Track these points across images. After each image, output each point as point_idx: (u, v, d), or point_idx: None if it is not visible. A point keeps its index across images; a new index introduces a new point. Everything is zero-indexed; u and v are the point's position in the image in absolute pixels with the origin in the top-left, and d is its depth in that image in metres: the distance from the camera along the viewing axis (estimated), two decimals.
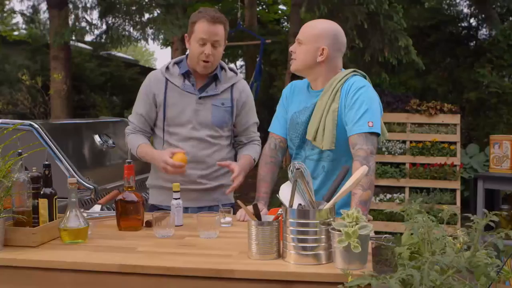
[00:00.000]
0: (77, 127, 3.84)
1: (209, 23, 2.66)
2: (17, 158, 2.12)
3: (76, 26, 6.48)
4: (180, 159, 2.55)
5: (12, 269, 1.93)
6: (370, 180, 2.29)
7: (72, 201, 2.13)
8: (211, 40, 2.67)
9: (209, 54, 2.67)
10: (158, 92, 2.77)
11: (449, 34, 9.28)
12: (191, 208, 2.75)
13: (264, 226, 1.87)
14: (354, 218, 1.75)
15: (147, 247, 2.06)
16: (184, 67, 2.78)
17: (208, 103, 2.76)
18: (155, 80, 2.80)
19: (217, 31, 2.68)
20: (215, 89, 2.78)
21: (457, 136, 6.80)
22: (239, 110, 2.85)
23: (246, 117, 2.88)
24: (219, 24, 2.68)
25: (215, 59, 2.72)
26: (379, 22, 5.93)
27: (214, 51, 2.69)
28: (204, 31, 2.66)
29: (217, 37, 2.68)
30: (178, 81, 2.77)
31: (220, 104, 2.78)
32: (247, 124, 2.89)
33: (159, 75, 2.81)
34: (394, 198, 6.69)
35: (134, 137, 2.82)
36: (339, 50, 2.54)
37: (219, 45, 2.71)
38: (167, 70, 2.81)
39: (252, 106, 2.92)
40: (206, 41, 2.67)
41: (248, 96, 2.89)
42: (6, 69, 10.49)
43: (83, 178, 3.34)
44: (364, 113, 2.39)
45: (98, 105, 10.91)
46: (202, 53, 2.67)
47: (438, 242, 1.73)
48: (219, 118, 2.78)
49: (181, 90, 2.76)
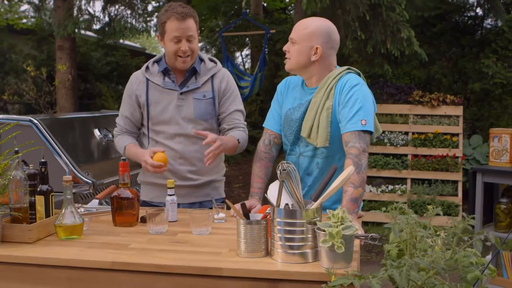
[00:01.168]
0: (77, 121, 3.89)
1: (178, 21, 2.67)
2: (14, 157, 2.17)
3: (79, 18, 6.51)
4: (160, 159, 2.58)
5: (7, 265, 1.99)
6: (361, 178, 2.31)
7: (68, 198, 2.18)
8: (185, 36, 2.69)
9: (187, 49, 2.70)
10: (140, 93, 2.80)
11: (454, 24, 9.22)
12: (182, 204, 2.78)
13: (252, 225, 1.91)
14: (339, 218, 1.78)
15: (139, 243, 2.11)
16: (162, 65, 2.81)
17: (189, 97, 2.78)
18: (136, 81, 2.84)
19: (189, 26, 2.69)
20: (196, 82, 2.80)
21: (459, 127, 6.81)
22: (220, 98, 2.85)
23: (226, 104, 2.86)
24: (188, 18, 2.69)
25: (193, 52, 2.74)
26: (382, 14, 5.91)
27: (191, 45, 2.71)
28: (176, 29, 2.67)
29: (190, 32, 2.70)
30: (158, 79, 2.80)
31: (201, 97, 2.79)
32: (228, 111, 2.86)
33: (140, 75, 2.84)
34: (395, 189, 6.72)
35: (121, 139, 2.87)
36: (333, 48, 2.56)
37: (194, 38, 2.73)
38: (147, 70, 2.84)
39: (233, 94, 2.89)
40: (180, 38, 2.68)
41: (228, 84, 2.88)
42: (13, 59, 10.55)
43: (82, 173, 3.39)
44: (357, 111, 2.41)
45: (104, 95, 10.96)
46: (179, 50, 2.70)
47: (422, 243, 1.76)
48: (202, 111, 2.79)
49: (162, 88, 2.79)
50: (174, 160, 2.78)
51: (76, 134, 3.80)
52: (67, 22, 6.51)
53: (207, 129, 2.79)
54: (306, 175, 2.62)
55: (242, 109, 2.93)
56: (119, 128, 2.90)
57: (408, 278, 1.53)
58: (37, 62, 10.28)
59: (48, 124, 3.43)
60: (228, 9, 12.95)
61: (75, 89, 8.80)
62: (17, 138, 2.31)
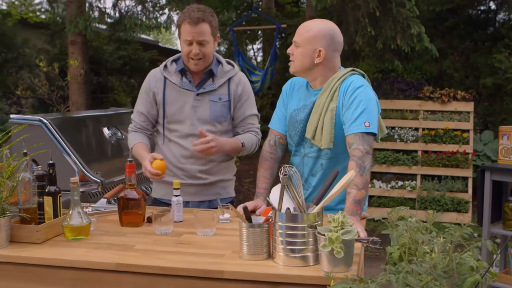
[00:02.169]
0: (86, 120, 3.94)
1: (190, 25, 2.70)
2: (23, 159, 2.21)
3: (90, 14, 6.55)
4: (158, 166, 2.61)
5: (16, 265, 2.04)
6: (365, 180, 2.33)
7: (75, 199, 2.22)
8: (196, 40, 2.72)
9: (197, 53, 2.73)
10: (157, 91, 2.84)
11: (466, 18, 9.15)
12: (191, 202, 2.83)
13: (255, 228, 1.94)
14: (340, 223, 1.80)
15: (145, 244, 2.15)
16: (180, 65, 2.84)
17: (205, 99, 2.82)
18: (154, 78, 2.87)
19: (201, 31, 2.71)
20: (212, 84, 2.84)
21: (470, 123, 6.78)
22: (236, 102, 2.89)
23: (242, 109, 2.90)
24: (202, 23, 2.71)
25: (205, 56, 2.76)
26: (392, 10, 5.89)
27: (203, 49, 2.74)
28: (188, 33, 2.71)
29: (202, 37, 2.72)
30: (175, 78, 2.84)
31: (217, 99, 2.83)
32: (243, 116, 2.91)
33: (158, 73, 2.88)
34: (405, 185, 6.72)
35: (132, 136, 2.91)
36: (336, 50, 2.57)
37: (206, 43, 2.75)
38: (165, 68, 2.88)
39: (249, 98, 2.93)
40: (192, 41, 2.72)
41: (245, 88, 2.92)
42: (26, 54, 10.63)
43: (91, 172, 3.45)
44: (361, 113, 2.43)
45: (116, 89, 11.02)
46: (190, 52, 2.74)
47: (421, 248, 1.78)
48: (217, 113, 2.83)
49: (179, 88, 2.82)
50: (185, 158, 2.82)
51: (85, 133, 3.85)
52: (78, 18, 6.56)
53: (221, 131, 2.85)
54: (311, 175, 2.65)
55: (257, 113, 2.98)
56: (134, 125, 2.94)
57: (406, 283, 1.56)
58: (50, 56, 10.35)
59: (57, 123, 3.49)
60: (239, 3, 12.95)
61: (88, 83, 8.85)
62: (28, 138, 2.36)
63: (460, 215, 6.41)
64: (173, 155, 2.84)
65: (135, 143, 2.85)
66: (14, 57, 10.31)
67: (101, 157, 3.79)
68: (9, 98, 9.60)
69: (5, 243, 2.12)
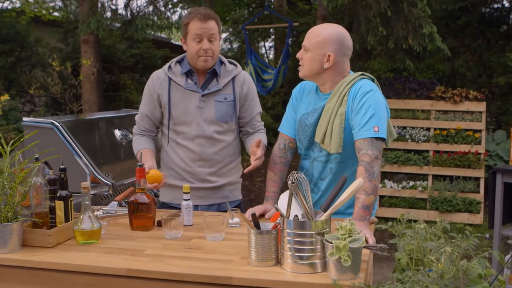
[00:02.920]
0: (98, 122, 3.97)
1: (201, 21, 2.73)
2: (35, 165, 2.25)
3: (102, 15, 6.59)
4: (151, 176, 2.62)
5: (28, 269, 2.07)
6: (374, 185, 2.33)
7: (86, 204, 2.25)
8: (207, 35, 2.75)
9: (208, 48, 2.75)
10: (162, 92, 2.84)
11: (479, 16, 9.09)
12: (200, 206, 2.85)
13: (263, 235, 1.95)
14: (347, 230, 1.81)
15: (155, 249, 2.17)
16: (186, 66, 2.85)
17: (211, 99, 2.83)
18: (158, 80, 2.87)
19: (211, 26, 2.75)
20: (217, 84, 2.85)
21: (482, 123, 6.74)
22: (242, 102, 2.91)
23: (250, 108, 2.94)
24: (210, 20, 2.75)
25: (214, 53, 2.79)
26: (403, 9, 5.87)
27: (212, 46, 2.77)
28: (198, 28, 2.74)
29: (212, 31, 2.76)
30: (180, 80, 2.84)
31: (222, 99, 2.85)
32: (252, 115, 2.95)
33: (162, 74, 2.87)
34: (416, 186, 6.69)
35: (138, 140, 2.92)
36: (346, 54, 2.57)
37: (215, 39, 2.79)
38: (170, 69, 2.87)
39: (254, 96, 2.97)
40: (202, 37, 2.74)
41: (250, 87, 2.94)
42: (39, 52, 10.71)
43: (102, 174, 3.48)
44: (370, 118, 2.43)
45: (128, 87, 11.07)
46: (200, 50, 2.75)
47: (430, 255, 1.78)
48: (223, 113, 2.84)
49: (184, 89, 2.83)
50: (193, 162, 2.84)
51: (96, 135, 3.88)
52: (90, 19, 6.60)
53: (227, 131, 2.88)
54: (320, 180, 2.66)
55: (261, 110, 3.02)
56: (138, 127, 2.95)
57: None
58: (63, 55, 10.42)
59: (69, 126, 3.52)
60: (251, 1, 12.95)
61: (100, 82, 8.91)
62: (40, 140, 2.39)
63: (472, 216, 6.39)
64: (180, 158, 2.85)
65: (140, 149, 2.85)
66: (28, 55, 10.40)
67: (112, 159, 3.82)
68: (22, 96, 9.69)
69: (17, 247, 2.16)
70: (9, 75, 9.97)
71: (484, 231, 6.10)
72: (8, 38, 10.04)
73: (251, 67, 7.72)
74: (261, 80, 7.96)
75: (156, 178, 2.63)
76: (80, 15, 7.81)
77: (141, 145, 2.88)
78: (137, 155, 2.83)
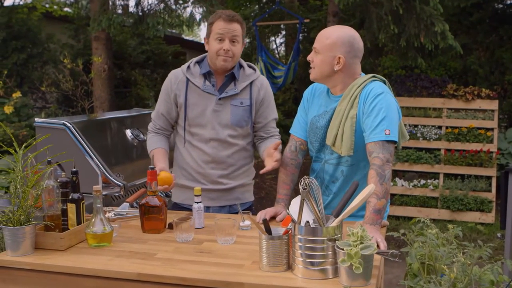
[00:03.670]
0: (109, 122, 3.98)
1: (225, 21, 2.75)
2: (47, 169, 2.26)
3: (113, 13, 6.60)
4: (161, 178, 2.63)
5: (40, 273, 2.09)
6: (385, 189, 2.32)
7: (97, 207, 2.26)
8: (229, 36, 2.75)
9: (228, 49, 2.75)
10: (179, 93, 2.84)
11: (492, 13, 9.02)
12: (212, 207, 2.86)
13: (274, 240, 1.95)
14: (359, 237, 1.81)
15: (166, 253, 2.17)
16: (205, 67, 2.85)
17: (227, 103, 2.83)
18: (176, 79, 2.87)
19: (234, 28, 2.76)
20: (235, 88, 2.85)
21: (494, 122, 6.70)
22: (258, 107, 2.91)
23: (265, 113, 2.94)
24: (235, 22, 2.77)
25: (234, 55, 2.79)
26: (415, 7, 5.83)
27: (233, 47, 2.77)
28: (221, 28, 2.74)
29: (234, 33, 2.76)
30: (199, 81, 2.84)
31: (239, 104, 2.85)
32: (267, 120, 2.95)
33: (180, 74, 2.87)
34: (427, 184, 6.66)
35: (152, 139, 2.93)
36: (356, 56, 2.56)
37: (237, 42, 2.79)
38: (188, 70, 2.87)
39: (271, 102, 2.97)
40: (224, 36, 2.75)
41: (267, 92, 2.94)
42: (51, 49, 10.75)
43: (113, 175, 3.49)
44: (381, 121, 2.42)
45: (139, 83, 11.09)
46: (221, 49, 2.75)
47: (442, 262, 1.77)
48: (238, 118, 2.84)
49: (201, 91, 2.83)
50: (206, 164, 2.84)
51: (108, 136, 3.90)
52: (101, 17, 6.61)
53: (242, 135, 2.88)
54: (331, 182, 2.65)
55: (277, 116, 3.01)
56: (154, 125, 2.96)
57: None
58: (74, 51, 10.46)
59: (80, 127, 3.54)
60: None
61: (111, 78, 8.93)
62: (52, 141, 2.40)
63: (483, 215, 6.35)
64: (193, 160, 2.86)
65: (153, 148, 2.87)
66: (39, 52, 10.44)
67: (124, 160, 3.83)
68: (34, 92, 9.73)
69: (30, 249, 2.17)
70: (21, 71, 10.02)
71: (496, 230, 6.07)
72: (20, 35, 10.09)
73: (262, 64, 7.71)
74: (271, 76, 7.95)
75: (166, 180, 2.64)
76: (91, 12, 7.82)
77: (154, 144, 2.90)
78: (150, 154, 2.85)
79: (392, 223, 6.18)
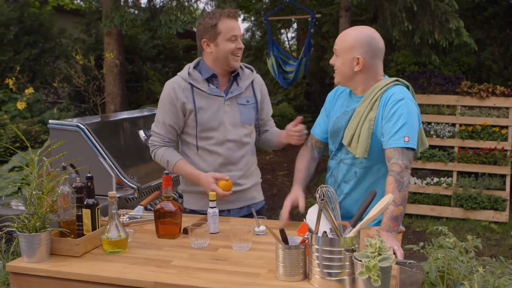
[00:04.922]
0: (122, 123, 3.97)
1: (232, 20, 2.75)
2: (63, 176, 2.25)
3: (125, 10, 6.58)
4: (225, 186, 2.67)
5: (56, 279, 2.09)
6: (403, 196, 2.30)
7: (113, 213, 2.25)
8: (240, 34, 2.79)
9: (242, 46, 2.78)
10: (187, 100, 2.78)
11: (507, 7, 8.91)
12: (232, 210, 2.87)
13: (291, 250, 1.94)
14: (377, 248, 1.79)
15: (181, 260, 2.16)
16: (207, 71, 2.81)
17: (234, 103, 2.84)
18: (180, 88, 2.79)
19: (239, 24, 2.80)
20: (238, 87, 2.86)
21: (509, 120, 6.62)
22: (261, 104, 2.95)
23: (267, 109, 3.02)
24: (237, 18, 2.80)
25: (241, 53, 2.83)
26: (430, 4, 5.77)
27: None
28: (233, 28, 2.75)
29: (241, 31, 2.81)
30: (203, 85, 2.80)
31: (245, 102, 2.87)
32: (268, 116, 3.05)
33: (183, 82, 2.81)
34: (441, 182, 6.61)
35: (167, 152, 2.83)
36: (376, 56, 2.53)
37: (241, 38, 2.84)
38: (190, 76, 2.81)
39: (268, 98, 3.05)
40: (237, 36, 2.76)
41: (265, 90, 3.01)
42: (63, 44, 10.76)
43: (127, 177, 3.48)
44: (401, 127, 2.40)
45: (151, 78, 11.10)
46: (235, 48, 2.76)
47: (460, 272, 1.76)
48: (247, 116, 2.87)
49: (207, 95, 2.80)
50: (222, 166, 2.83)
51: (121, 137, 3.89)
52: (113, 14, 6.60)
53: (251, 133, 2.92)
54: (344, 182, 2.65)
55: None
56: (160, 139, 2.85)
57: None
58: (86, 46, 10.48)
59: (94, 128, 3.53)
60: None
61: (123, 73, 8.94)
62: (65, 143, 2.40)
63: (497, 213, 6.30)
64: (209, 164, 2.81)
65: (177, 161, 2.81)
66: (51, 47, 10.46)
67: (137, 161, 3.82)
68: (46, 87, 9.76)
69: (45, 256, 2.17)
70: (33, 66, 10.04)
71: (510, 229, 6.02)
72: (32, 30, 10.11)
73: (273, 59, 7.68)
74: (282, 71, 7.91)
75: (226, 186, 2.69)
76: (103, 6, 7.81)
77: (175, 157, 2.83)
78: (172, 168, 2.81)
79: (405, 221, 6.15)
